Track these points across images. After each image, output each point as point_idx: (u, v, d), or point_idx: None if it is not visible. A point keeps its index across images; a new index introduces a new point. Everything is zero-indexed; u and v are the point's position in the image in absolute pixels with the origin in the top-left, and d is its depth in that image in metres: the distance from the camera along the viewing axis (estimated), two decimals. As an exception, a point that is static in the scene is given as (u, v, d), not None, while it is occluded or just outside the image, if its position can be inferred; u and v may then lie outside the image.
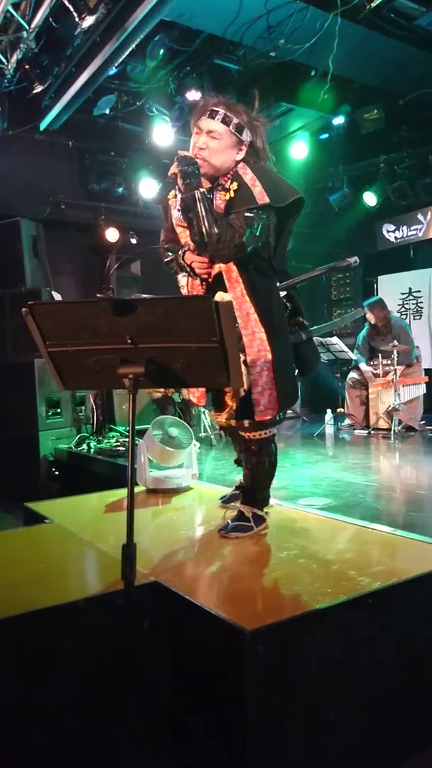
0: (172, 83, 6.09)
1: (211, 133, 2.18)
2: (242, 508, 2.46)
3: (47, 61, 5.25)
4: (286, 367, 2.30)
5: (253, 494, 2.47)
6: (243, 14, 4.75)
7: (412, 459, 4.51)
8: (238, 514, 2.45)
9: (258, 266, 2.26)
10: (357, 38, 4.95)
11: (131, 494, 1.49)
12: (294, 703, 1.60)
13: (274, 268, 2.35)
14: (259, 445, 2.38)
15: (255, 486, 2.46)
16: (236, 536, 2.37)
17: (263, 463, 2.40)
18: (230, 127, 2.18)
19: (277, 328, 2.26)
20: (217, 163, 2.19)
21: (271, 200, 2.16)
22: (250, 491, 2.48)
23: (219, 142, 2.18)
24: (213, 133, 2.18)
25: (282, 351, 2.27)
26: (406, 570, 1.95)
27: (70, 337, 1.56)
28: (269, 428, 2.37)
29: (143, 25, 4.47)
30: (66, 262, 7.31)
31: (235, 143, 2.21)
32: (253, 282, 2.24)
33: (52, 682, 1.66)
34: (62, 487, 5.19)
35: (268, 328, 2.23)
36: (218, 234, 2.08)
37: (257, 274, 2.25)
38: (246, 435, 2.39)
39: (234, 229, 2.10)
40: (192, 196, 2.06)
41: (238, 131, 2.20)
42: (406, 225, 7.67)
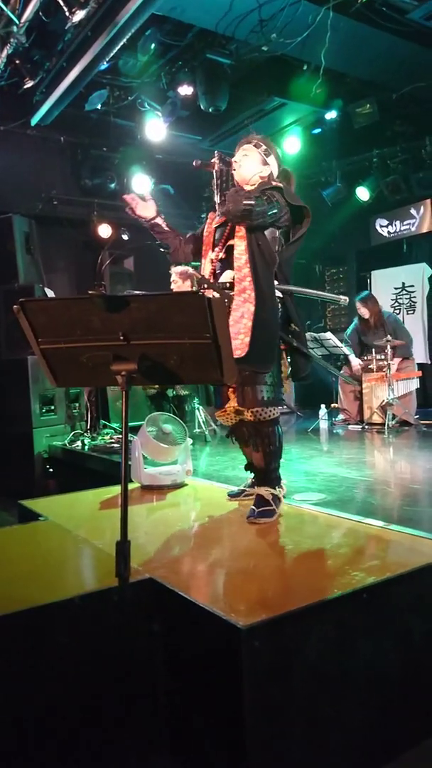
0: (164, 78, 6.06)
1: (245, 151, 2.74)
2: (261, 491, 2.62)
3: (38, 56, 5.20)
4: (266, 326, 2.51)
5: (269, 474, 2.66)
6: (235, 8, 4.73)
7: (407, 453, 4.52)
8: (259, 499, 2.60)
9: (261, 248, 2.55)
10: (349, 32, 4.94)
11: (125, 491, 1.48)
12: (291, 698, 1.61)
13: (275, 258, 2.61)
14: (268, 425, 2.58)
15: (269, 467, 2.66)
16: (265, 521, 2.53)
17: (274, 443, 2.63)
18: (260, 150, 2.73)
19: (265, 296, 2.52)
20: (244, 173, 2.70)
21: (282, 191, 2.58)
22: (264, 473, 2.67)
23: (249, 159, 2.72)
24: (246, 151, 2.74)
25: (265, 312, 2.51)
26: (401, 564, 1.95)
27: (62, 333, 1.55)
28: (276, 407, 2.59)
29: (134, 19, 4.44)
30: (59, 259, 7.28)
31: (261, 162, 2.73)
32: (256, 259, 2.54)
33: (48, 679, 1.66)
34: (57, 484, 5.19)
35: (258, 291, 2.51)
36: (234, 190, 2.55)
37: (261, 257, 2.55)
38: (258, 416, 2.56)
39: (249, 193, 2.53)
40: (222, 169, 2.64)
41: (266, 153, 2.74)
42: (399, 220, 7.67)
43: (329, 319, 8.89)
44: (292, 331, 2.68)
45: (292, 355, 2.71)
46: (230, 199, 2.51)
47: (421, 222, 7.43)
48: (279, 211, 2.54)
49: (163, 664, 1.84)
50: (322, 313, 8.94)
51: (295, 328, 2.69)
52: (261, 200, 2.49)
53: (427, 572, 1.92)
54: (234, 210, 2.49)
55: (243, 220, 2.52)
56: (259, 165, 2.72)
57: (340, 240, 8.53)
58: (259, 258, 2.55)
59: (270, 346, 2.55)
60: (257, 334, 2.47)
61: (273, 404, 2.57)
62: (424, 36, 5.13)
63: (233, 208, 2.48)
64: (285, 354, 2.71)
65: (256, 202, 2.47)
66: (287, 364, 2.72)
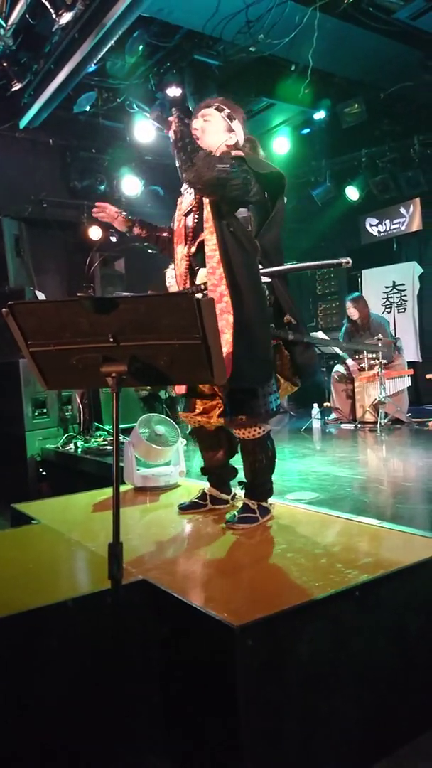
0: (153, 79, 6.06)
1: (205, 116, 2.39)
2: (247, 501, 2.50)
3: (25, 58, 5.20)
4: (249, 337, 2.21)
5: (256, 488, 2.51)
6: (222, 9, 4.74)
7: (399, 451, 4.54)
8: (244, 506, 2.49)
9: (237, 237, 2.24)
10: (336, 32, 4.96)
11: (117, 492, 1.48)
12: (286, 696, 1.61)
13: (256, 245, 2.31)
14: (254, 444, 2.41)
15: (257, 481, 2.50)
16: (243, 528, 2.41)
17: (260, 461, 2.44)
18: (222, 114, 2.39)
19: (246, 300, 2.22)
20: (208, 141, 2.35)
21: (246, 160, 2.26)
22: (252, 486, 2.52)
23: (210, 125, 2.37)
24: (206, 117, 2.39)
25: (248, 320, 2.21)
26: (394, 561, 1.96)
27: (52, 336, 1.55)
28: (261, 426, 2.38)
29: (122, 21, 4.44)
30: (49, 261, 7.26)
31: (225, 128, 2.39)
32: (229, 251, 2.23)
33: (42, 682, 1.66)
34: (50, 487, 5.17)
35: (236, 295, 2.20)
36: (205, 153, 2.21)
37: (236, 245, 2.24)
38: (240, 435, 2.39)
39: (221, 158, 2.21)
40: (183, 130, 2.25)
41: (229, 118, 2.39)
42: (389, 218, 7.70)
43: (321, 318, 8.91)
44: (286, 323, 2.36)
45: (291, 349, 2.40)
46: (201, 164, 2.11)
47: (410, 221, 7.46)
48: (251, 185, 2.21)
49: (158, 666, 1.84)
50: (314, 313, 8.96)
51: (290, 319, 2.36)
52: (236, 166, 2.14)
53: (419, 569, 1.93)
54: (207, 176, 2.09)
55: (214, 191, 2.14)
56: (223, 132, 2.36)
57: (330, 239, 8.56)
58: (235, 250, 2.21)
59: (260, 357, 2.23)
60: (241, 348, 2.15)
61: (261, 421, 2.33)
62: (411, 35, 5.16)
63: (206, 173, 2.09)
64: (283, 348, 2.41)
65: (231, 168, 2.11)
66: (287, 361, 2.42)
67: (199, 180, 2.14)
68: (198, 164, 2.13)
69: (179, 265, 2.44)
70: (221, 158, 2.19)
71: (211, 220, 2.24)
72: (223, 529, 2.46)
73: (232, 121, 2.39)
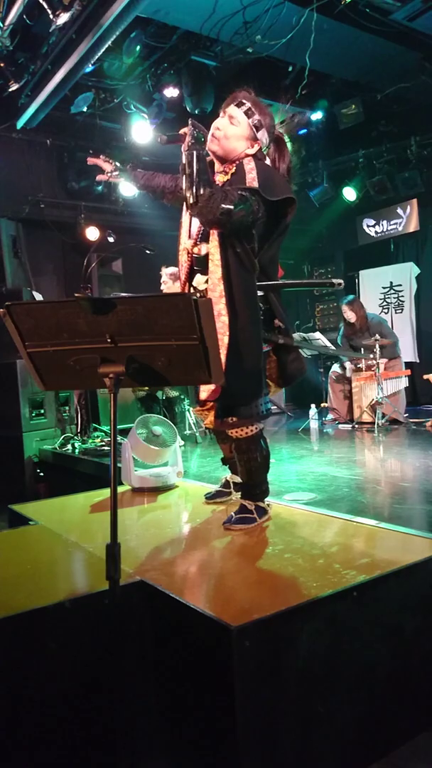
0: (150, 80, 6.06)
1: (233, 119, 2.29)
2: (244, 502, 2.51)
3: (22, 58, 5.20)
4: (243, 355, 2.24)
5: (252, 489, 2.52)
6: (219, 10, 4.74)
7: (396, 452, 4.54)
8: (241, 507, 2.50)
9: (240, 256, 2.26)
10: (333, 33, 4.97)
11: (114, 493, 1.48)
12: (283, 697, 1.61)
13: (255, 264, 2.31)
14: (247, 442, 2.43)
15: (252, 482, 2.51)
16: (240, 528, 2.43)
17: (255, 459, 2.46)
18: (250, 120, 2.29)
19: (241, 317, 2.24)
20: (228, 147, 2.29)
21: (260, 188, 2.19)
22: (248, 487, 2.53)
23: (235, 129, 2.28)
24: (233, 120, 2.29)
25: (242, 339, 2.23)
26: (391, 562, 1.96)
27: (49, 337, 1.55)
28: (254, 424, 2.40)
29: (119, 22, 4.44)
30: (47, 262, 7.26)
31: (249, 137, 2.30)
32: (231, 270, 2.26)
33: (40, 683, 1.65)
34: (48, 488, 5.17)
35: (233, 314, 2.23)
36: (211, 192, 2.08)
37: (238, 264, 2.25)
38: (233, 434, 2.43)
39: (226, 195, 2.11)
40: (194, 153, 2.09)
41: (256, 128, 2.29)
42: (386, 219, 7.72)
43: (318, 319, 8.93)
44: (276, 327, 2.42)
45: (280, 355, 2.46)
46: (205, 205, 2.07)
47: (407, 221, 7.48)
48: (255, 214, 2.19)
49: (155, 666, 1.84)
50: (312, 313, 8.97)
51: (280, 324, 2.41)
52: (239, 204, 2.11)
53: (417, 570, 1.94)
54: (209, 217, 2.11)
55: (218, 227, 2.19)
56: (245, 140, 2.29)
57: (327, 240, 8.57)
58: (237, 270, 2.25)
59: (251, 375, 2.28)
60: (233, 367, 2.17)
61: (251, 422, 2.36)
62: (408, 36, 5.17)
63: (208, 215, 2.09)
64: (272, 354, 2.47)
65: (235, 207, 2.09)
66: (275, 365, 2.49)
67: (201, 218, 2.18)
68: (201, 204, 2.07)
69: (181, 254, 2.45)
70: (225, 195, 2.10)
71: (213, 236, 2.25)
72: (221, 529, 2.46)
73: (258, 129, 2.30)
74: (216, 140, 2.29)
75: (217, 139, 2.29)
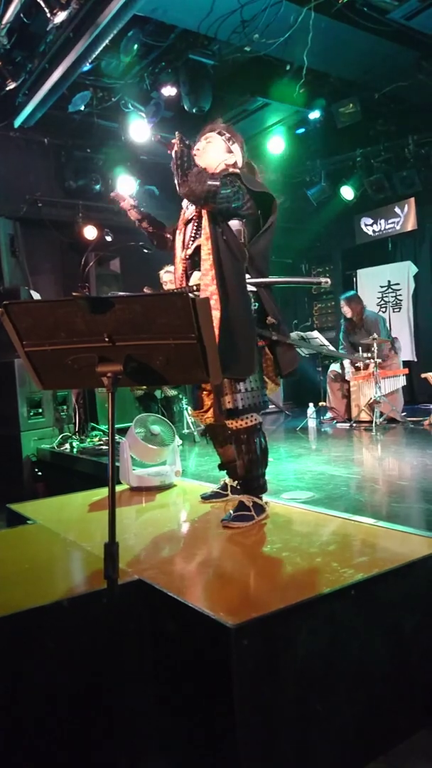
0: (148, 79, 6.05)
1: (207, 138, 2.64)
2: (242, 498, 2.54)
3: (20, 57, 5.18)
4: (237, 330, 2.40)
5: (249, 483, 2.56)
6: (217, 8, 4.73)
7: (394, 450, 4.55)
8: (239, 504, 2.53)
9: (229, 244, 2.45)
10: (331, 32, 4.96)
11: (113, 492, 1.48)
12: (281, 695, 1.61)
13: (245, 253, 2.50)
14: (247, 433, 2.48)
15: (250, 475, 2.55)
16: (238, 526, 2.45)
17: (254, 451, 2.51)
18: (222, 138, 2.62)
19: (232, 298, 2.42)
20: (208, 158, 2.57)
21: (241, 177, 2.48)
22: (246, 481, 2.57)
23: (211, 145, 2.62)
24: (209, 138, 2.64)
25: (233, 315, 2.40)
26: (389, 560, 1.97)
27: (47, 336, 1.55)
28: (252, 414, 2.47)
29: (116, 20, 4.43)
30: (45, 261, 7.24)
31: (225, 149, 2.61)
32: (221, 256, 2.44)
33: (38, 682, 1.65)
34: (46, 487, 5.16)
35: (224, 294, 2.41)
36: (198, 170, 2.40)
37: (227, 252, 2.45)
38: (232, 425, 2.49)
39: (212, 175, 2.41)
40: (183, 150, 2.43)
41: (229, 142, 2.63)
42: (383, 218, 7.72)
43: (316, 317, 8.93)
44: (270, 324, 2.53)
45: (274, 350, 2.56)
46: (193, 179, 2.36)
47: (405, 220, 7.48)
48: (242, 199, 2.43)
49: (154, 665, 1.84)
50: (309, 312, 8.97)
51: (273, 321, 2.53)
52: (225, 183, 2.38)
53: (415, 568, 1.94)
54: (198, 190, 2.35)
55: (206, 202, 2.39)
56: (223, 152, 2.59)
57: (325, 239, 8.57)
58: (226, 256, 2.43)
59: (243, 351, 2.40)
60: (225, 341, 2.30)
61: (251, 411, 2.45)
62: (405, 35, 5.17)
63: (197, 187, 2.35)
64: (267, 350, 2.57)
65: (220, 184, 2.36)
66: (271, 362, 2.58)
67: (191, 193, 2.40)
68: (191, 179, 2.37)
69: (177, 267, 2.65)
70: (212, 175, 2.40)
71: (207, 228, 2.46)
72: (219, 528, 2.46)
73: (231, 144, 2.62)
74: (197, 158, 2.54)
75: (198, 157, 2.55)
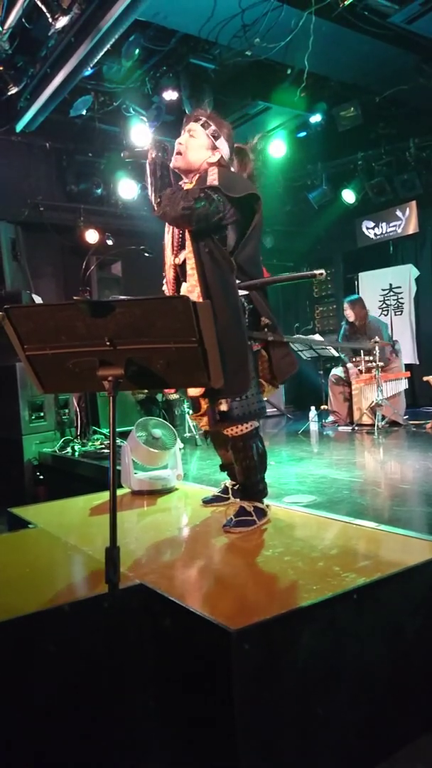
0: (149, 83, 6.07)
1: (191, 131, 2.45)
2: (243, 503, 2.52)
3: (22, 62, 5.20)
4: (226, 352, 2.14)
5: (249, 489, 2.54)
6: (218, 13, 4.75)
7: (396, 454, 4.54)
8: (240, 509, 2.51)
9: (214, 257, 2.34)
10: (332, 36, 4.97)
11: (113, 496, 1.48)
12: (283, 700, 1.61)
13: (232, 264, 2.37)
14: (243, 440, 2.45)
15: (249, 481, 2.53)
16: (240, 531, 2.43)
17: (251, 457, 2.47)
18: (207, 131, 2.44)
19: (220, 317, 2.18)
20: (191, 158, 2.42)
21: (221, 186, 2.31)
22: (245, 487, 2.55)
23: (195, 141, 2.43)
24: (192, 132, 2.45)
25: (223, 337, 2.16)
26: (392, 564, 1.96)
27: (48, 339, 1.55)
28: (249, 421, 2.44)
29: (118, 25, 4.44)
30: (46, 265, 7.25)
31: (209, 146, 2.44)
32: (206, 271, 2.34)
33: (39, 687, 1.65)
34: (47, 491, 5.16)
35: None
36: (172, 191, 2.29)
37: (213, 265, 2.33)
38: (228, 432, 2.46)
39: (187, 194, 2.28)
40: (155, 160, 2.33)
41: (213, 136, 2.44)
42: (385, 221, 7.72)
43: (318, 321, 8.93)
44: (265, 325, 2.45)
45: (270, 353, 2.47)
46: (167, 202, 2.26)
47: (406, 223, 7.48)
48: (222, 211, 2.29)
49: (155, 670, 1.83)
50: (311, 316, 8.97)
51: (267, 321, 2.44)
52: (201, 201, 2.24)
53: (417, 572, 1.93)
54: (172, 214, 2.26)
55: (183, 225, 2.32)
56: (206, 149, 2.42)
57: (326, 242, 8.57)
58: (211, 271, 2.32)
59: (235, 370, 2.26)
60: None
61: (245, 419, 2.40)
62: (406, 39, 5.18)
63: (170, 211, 2.25)
64: (263, 352, 2.49)
65: (195, 204, 2.22)
66: (267, 365, 2.50)
67: (165, 216, 2.32)
68: (164, 203, 2.27)
69: (168, 272, 2.56)
70: (186, 194, 2.26)
71: (189, 241, 2.36)
72: (221, 532, 2.46)
73: (216, 138, 2.44)
74: (179, 155, 2.43)
75: (180, 154, 2.43)
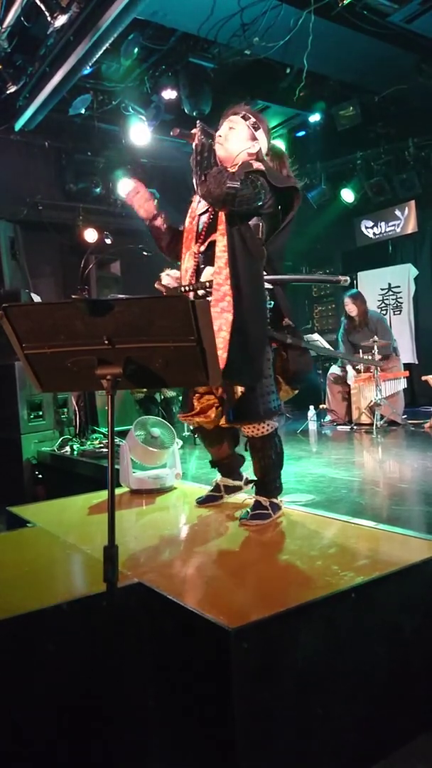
0: (148, 82, 6.07)
1: (231, 123, 2.47)
2: (259, 498, 2.55)
3: (20, 60, 5.21)
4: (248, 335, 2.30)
5: (266, 485, 2.56)
6: (217, 12, 4.75)
7: (395, 453, 4.54)
8: (256, 503, 2.53)
9: (246, 242, 2.33)
10: (331, 35, 4.98)
11: (112, 495, 1.48)
12: (281, 699, 1.61)
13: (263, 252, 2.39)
14: (261, 441, 2.48)
15: (266, 478, 2.56)
16: (257, 524, 2.46)
17: (269, 457, 2.51)
18: (247, 122, 2.46)
19: (245, 299, 2.30)
20: (231, 147, 2.43)
21: (267, 174, 2.34)
22: (262, 483, 2.57)
23: (235, 132, 2.45)
24: (232, 124, 2.47)
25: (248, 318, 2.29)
26: (390, 563, 1.96)
27: (46, 338, 1.55)
28: (268, 422, 2.45)
29: (117, 24, 4.45)
30: (45, 264, 7.25)
31: (249, 136, 2.46)
32: (237, 255, 2.32)
33: (37, 685, 1.65)
34: (46, 490, 5.16)
35: (238, 297, 2.29)
36: (218, 169, 2.27)
37: (244, 250, 2.33)
38: (248, 433, 2.48)
39: (233, 175, 2.26)
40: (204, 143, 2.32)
41: (254, 128, 2.47)
42: (384, 221, 7.72)
43: (317, 320, 8.93)
44: (285, 326, 2.45)
45: (288, 355, 2.47)
46: (212, 180, 2.22)
47: (405, 223, 7.48)
48: (263, 198, 2.30)
49: (153, 668, 1.83)
50: (310, 315, 8.97)
51: (289, 323, 2.45)
52: (246, 184, 2.23)
53: (415, 571, 1.93)
54: (216, 192, 2.21)
55: (224, 205, 2.26)
56: (246, 140, 2.44)
57: (325, 241, 8.57)
58: (242, 255, 2.31)
59: (253, 357, 2.31)
60: (237, 345, 2.24)
61: (266, 417, 2.40)
62: (405, 38, 5.19)
63: (215, 189, 2.21)
64: (281, 353, 2.48)
65: (241, 186, 2.21)
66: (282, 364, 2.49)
67: (209, 195, 2.27)
68: (209, 180, 2.23)
69: (187, 260, 2.50)
70: (233, 175, 2.24)
71: (224, 224, 2.33)
72: (219, 531, 2.46)
73: (256, 130, 2.46)
74: (219, 146, 2.43)
75: (220, 144, 2.43)
